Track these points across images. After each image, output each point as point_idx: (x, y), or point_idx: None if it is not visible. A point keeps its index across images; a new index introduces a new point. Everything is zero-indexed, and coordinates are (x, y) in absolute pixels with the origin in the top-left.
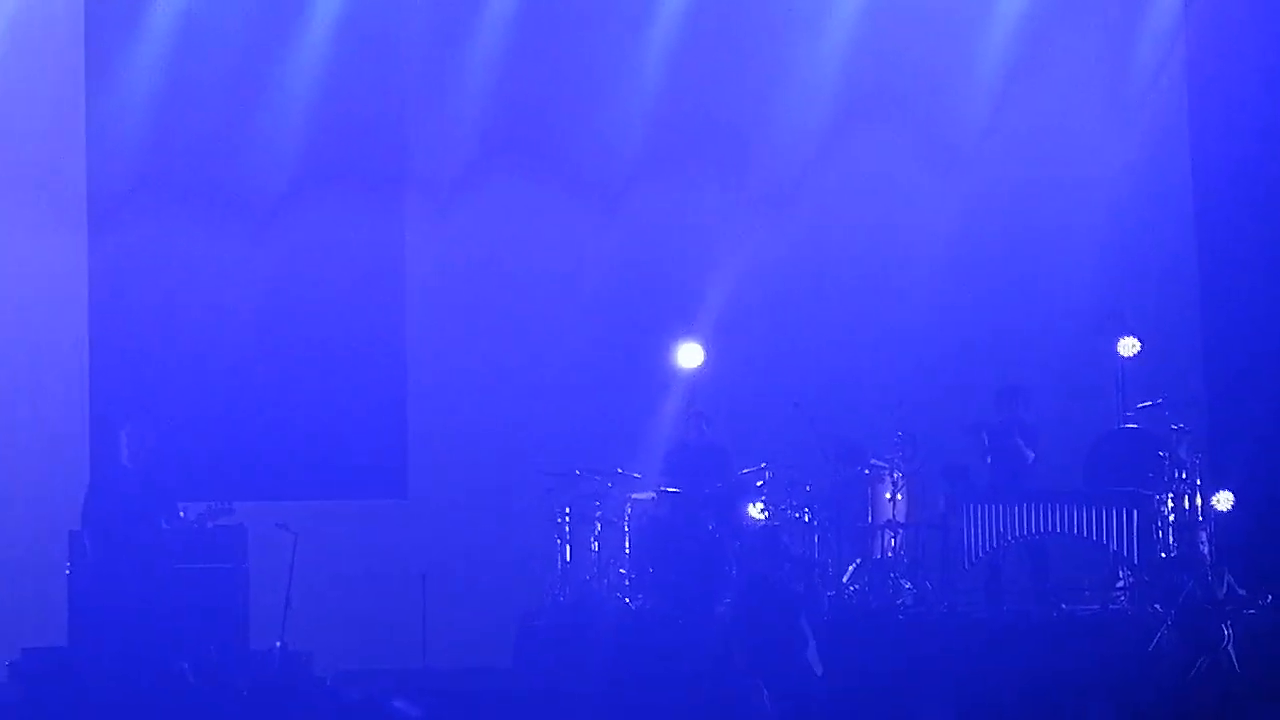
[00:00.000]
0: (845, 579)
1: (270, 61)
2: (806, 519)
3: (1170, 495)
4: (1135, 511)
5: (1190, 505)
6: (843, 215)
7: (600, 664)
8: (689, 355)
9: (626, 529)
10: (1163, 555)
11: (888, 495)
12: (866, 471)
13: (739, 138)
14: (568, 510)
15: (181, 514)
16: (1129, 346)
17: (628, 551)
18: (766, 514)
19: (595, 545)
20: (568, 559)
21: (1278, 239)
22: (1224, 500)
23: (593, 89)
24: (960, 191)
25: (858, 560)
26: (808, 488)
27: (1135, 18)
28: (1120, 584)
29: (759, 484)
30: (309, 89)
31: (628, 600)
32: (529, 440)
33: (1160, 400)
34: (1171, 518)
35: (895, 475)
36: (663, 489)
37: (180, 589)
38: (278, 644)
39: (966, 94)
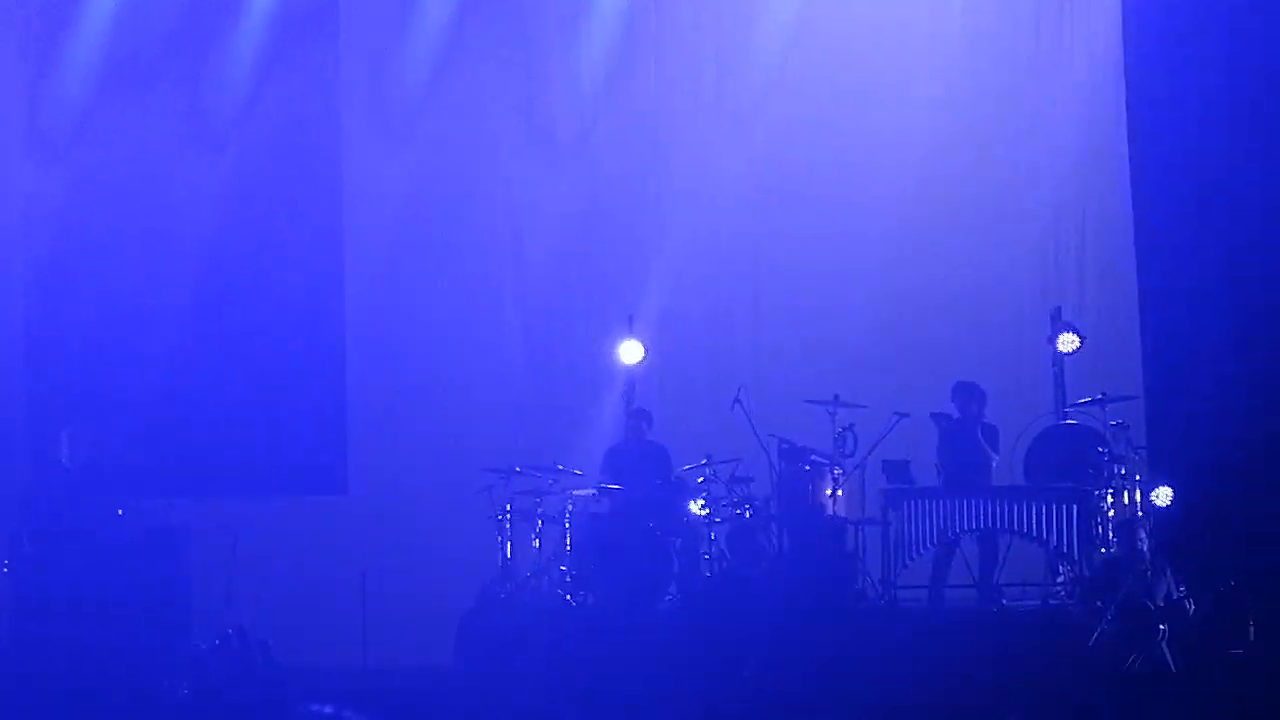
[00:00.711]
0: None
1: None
2: (748, 515)
3: (1110, 491)
4: (1075, 507)
5: (1130, 501)
6: (784, 211)
7: (541, 661)
8: (630, 351)
9: (567, 526)
10: (1102, 551)
11: (829, 491)
12: (807, 468)
13: (678, 132)
14: (508, 507)
15: (121, 513)
16: (1068, 342)
17: (569, 548)
18: (707, 511)
19: (536, 542)
20: (509, 556)
21: (1216, 235)
22: (1163, 496)
23: (532, 87)
24: (899, 187)
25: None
26: (749, 484)
27: (1072, 14)
28: (1060, 579)
29: (700, 480)
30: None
31: (569, 597)
32: (469, 436)
33: (1099, 395)
34: (1111, 513)
35: (836, 471)
36: (603, 485)
37: (120, 588)
38: (217, 642)
39: (901, 92)
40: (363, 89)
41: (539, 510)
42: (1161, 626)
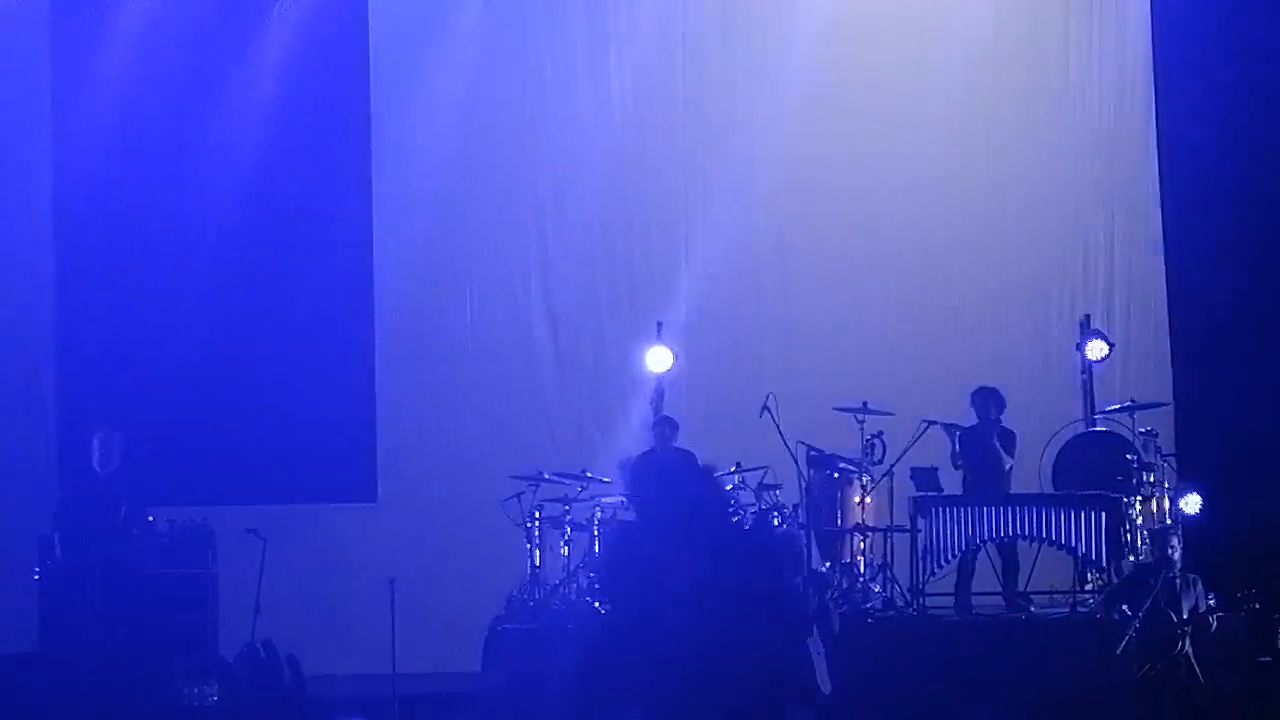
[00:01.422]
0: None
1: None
2: (776, 523)
3: (1139, 499)
4: (1103, 515)
5: (1158, 509)
6: (812, 218)
7: (569, 668)
8: (658, 358)
9: (596, 533)
10: (1131, 559)
11: (857, 499)
12: (835, 475)
13: (707, 138)
14: (537, 514)
15: (151, 519)
16: (1097, 349)
17: (597, 555)
18: (736, 519)
19: (565, 549)
20: (537, 563)
21: (1247, 241)
22: (1192, 504)
23: (561, 92)
24: (929, 195)
25: (827, 564)
26: (777, 492)
27: (1100, 14)
28: (1089, 587)
29: (729, 488)
30: (274, 90)
31: (597, 604)
32: (498, 444)
33: (1129, 403)
34: (1140, 521)
35: (864, 479)
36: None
37: (150, 594)
38: (246, 651)
39: (933, 98)
40: (392, 95)
41: (567, 517)
42: (1186, 634)
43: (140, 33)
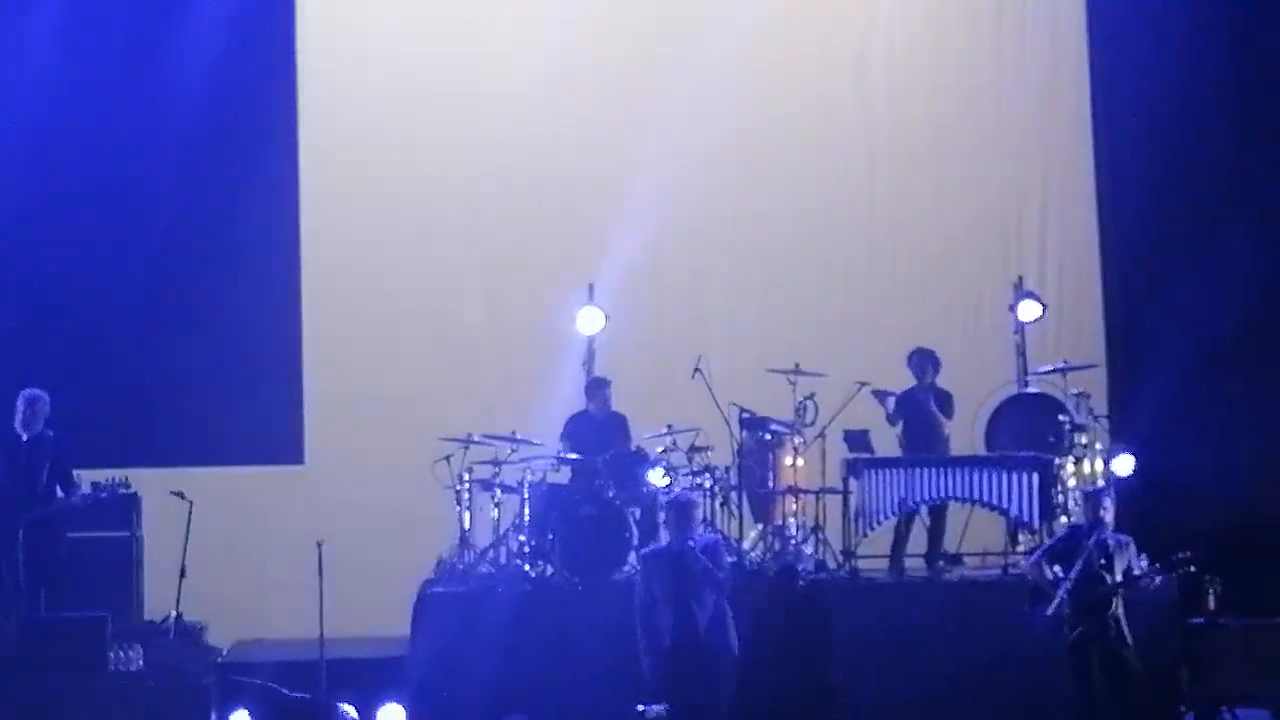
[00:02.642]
0: (748, 545)
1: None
2: (708, 485)
3: (1071, 460)
4: (1036, 476)
5: (1091, 470)
6: (744, 179)
7: (499, 632)
8: (590, 319)
9: (525, 496)
10: (1063, 520)
11: (789, 460)
12: (767, 437)
13: (640, 97)
14: (466, 477)
15: (76, 481)
16: (1030, 310)
17: (527, 519)
18: (668, 480)
19: (495, 512)
20: (466, 526)
21: (1180, 205)
22: (1125, 465)
23: (494, 48)
24: (863, 156)
25: (759, 526)
26: (709, 453)
27: None
28: (1021, 548)
29: (660, 450)
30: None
31: (527, 567)
32: (427, 405)
33: (1061, 364)
34: (1072, 482)
35: (796, 440)
36: (562, 455)
37: (76, 558)
38: (173, 614)
39: (863, 59)
40: (321, 49)
41: (497, 480)
42: (1118, 596)
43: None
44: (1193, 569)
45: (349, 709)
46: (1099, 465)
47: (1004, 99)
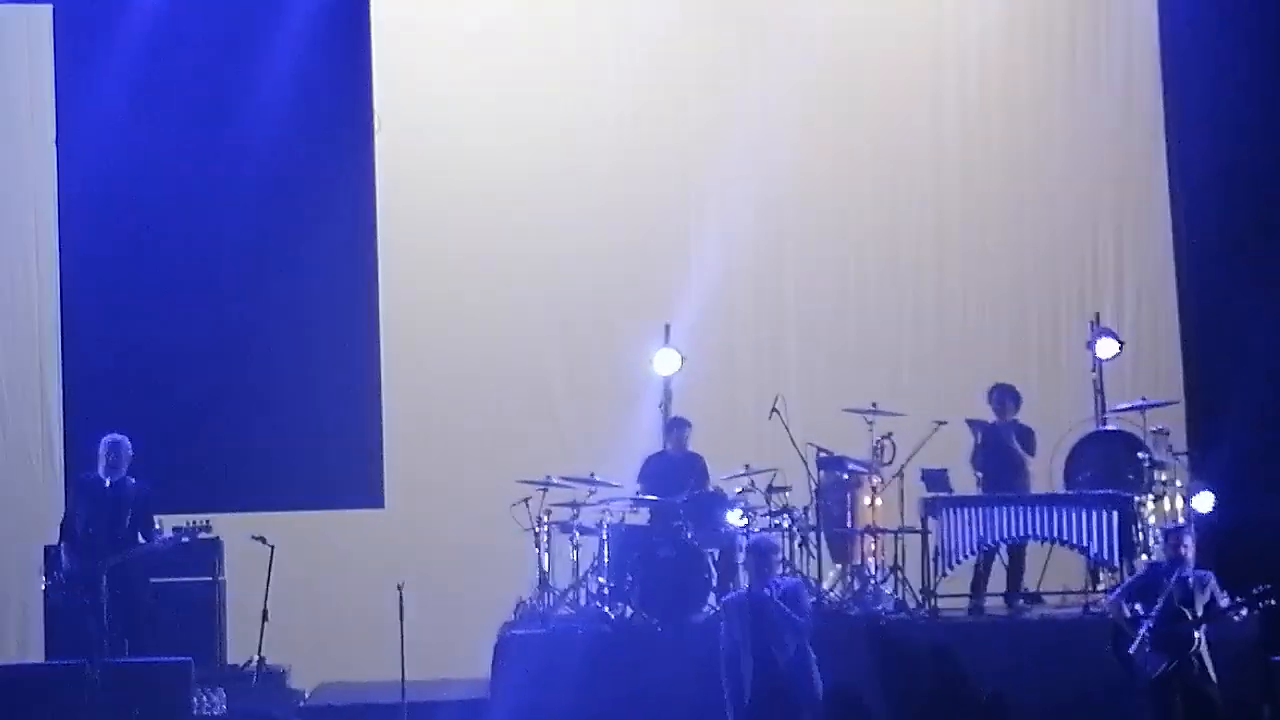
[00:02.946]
0: (827, 586)
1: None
2: (786, 525)
3: (1150, 497)
4: (1115, 514)
5: (1171, 508)
6: (820, 218)
7: (580, 674)
8: (666, 361)
9: (604, 537)
10: (1143, 558)
11: (867, 500)
12: (845, 476)
13: (714, 139)
14: (545, 519)
15: (158, 526)
16: (1107, 348)
17: (606, 560)
18: (745, 521)
19: (573, 554)
20: (545, 568)
21: (1257, 241)
22: (1205, 502)
23: (567, 95)
24: (939, 194)
25: (838, 566)
26: (787, 493)
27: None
28: (1101, 587)
29: (738, 490)
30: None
31: (606, 609)
32: (505, 448)
33: (1139, 401)
34: (1152, 520)
35: (874, 480)
36: (640, 496)
37: (159, 602)
38: (256, 657)
39: (935, 96)
40: (397, 95)
41: (576, 522)
42: (1201, 633)
43: (145, 30)
44: (1274, 603)
45: None
46: (1179, 502)
47: (1077, 134)
